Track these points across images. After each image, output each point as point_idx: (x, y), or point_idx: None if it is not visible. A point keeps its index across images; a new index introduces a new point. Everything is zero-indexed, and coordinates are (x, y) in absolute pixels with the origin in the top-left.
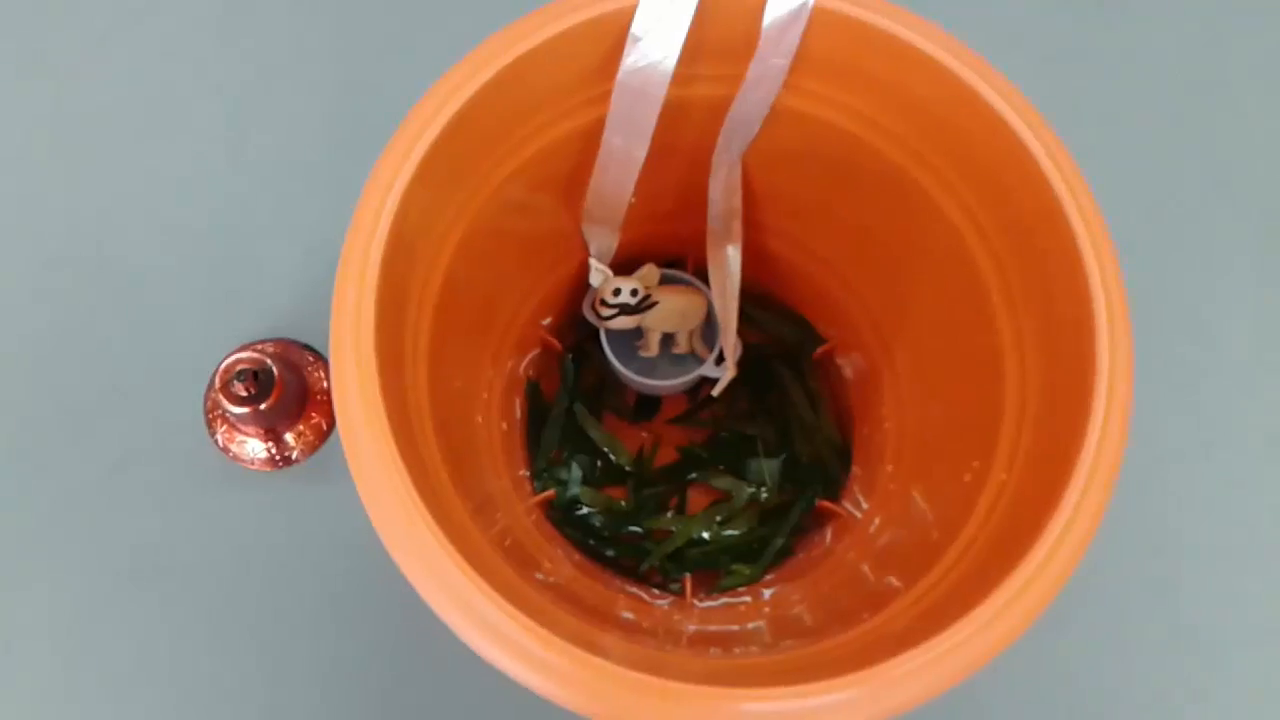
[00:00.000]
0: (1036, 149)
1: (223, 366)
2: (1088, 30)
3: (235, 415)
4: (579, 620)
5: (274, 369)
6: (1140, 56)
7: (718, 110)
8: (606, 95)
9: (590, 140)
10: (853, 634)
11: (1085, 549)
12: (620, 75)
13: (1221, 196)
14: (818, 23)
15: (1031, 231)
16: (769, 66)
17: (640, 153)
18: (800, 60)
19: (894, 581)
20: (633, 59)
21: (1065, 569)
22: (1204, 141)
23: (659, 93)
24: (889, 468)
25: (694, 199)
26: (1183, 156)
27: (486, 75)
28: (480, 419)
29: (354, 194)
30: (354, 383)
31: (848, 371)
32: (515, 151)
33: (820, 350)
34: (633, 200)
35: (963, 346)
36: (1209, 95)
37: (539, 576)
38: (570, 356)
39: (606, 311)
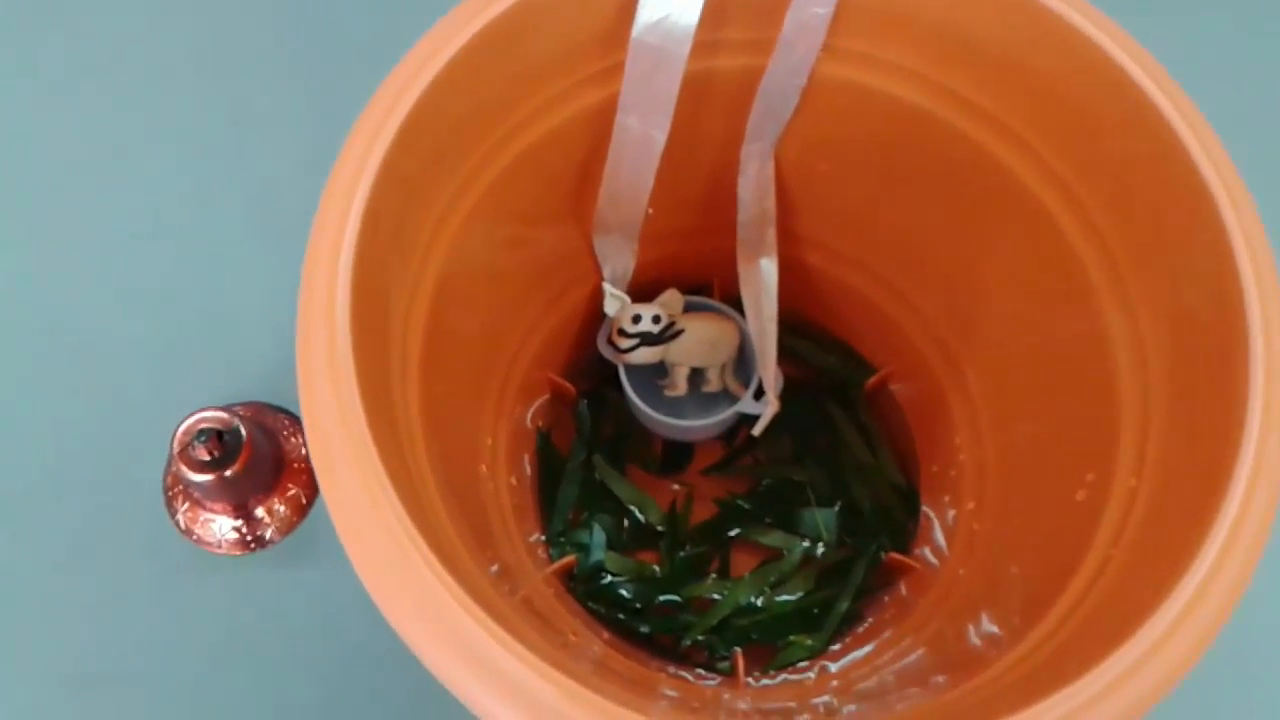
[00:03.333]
0: (1145, 81)
1: (182, 428)
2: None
3: (198, 486)
4: (622, 690)
5: (242, 429)
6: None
7: (746, 87)
8: (610, 72)
9: (595, 128)
10: (959, 692)
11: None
12: (635, 33)
13: None
14: None
15: (1140, 188)
16: (808, 17)
17: (660, 135)
18: (844, 8)
19: (995, 632)
20: (649, 11)
21: (1245, 568)
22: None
23: (681, 52)
24: (970, 505)
25: (720, 210)
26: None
27: (455, 48)
28: (485, 468)
29: None
30: (335, 420)
31: (906, 401)
32: (500, 148)
33: (872, 380)
34: (650, 212)
35: (1056, 347)
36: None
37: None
38: (585, 402)
39: (625, 343)
